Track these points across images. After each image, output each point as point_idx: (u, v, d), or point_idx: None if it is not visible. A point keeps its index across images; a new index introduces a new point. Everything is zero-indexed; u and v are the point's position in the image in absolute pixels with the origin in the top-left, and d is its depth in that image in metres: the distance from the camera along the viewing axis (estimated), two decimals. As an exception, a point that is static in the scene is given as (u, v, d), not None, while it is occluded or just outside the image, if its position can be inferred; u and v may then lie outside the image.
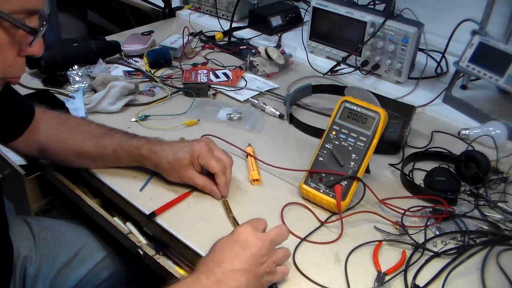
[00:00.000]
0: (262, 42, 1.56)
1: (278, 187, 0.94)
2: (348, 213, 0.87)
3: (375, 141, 0.86)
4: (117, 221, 0.91)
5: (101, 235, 1.02)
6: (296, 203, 0.90)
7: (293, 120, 1.15)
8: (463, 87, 1.32)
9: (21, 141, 0.93)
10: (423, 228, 0.84)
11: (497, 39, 1.14)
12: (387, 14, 1.29)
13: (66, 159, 0.94)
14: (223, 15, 1.71)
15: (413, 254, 0.79)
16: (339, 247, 0.81)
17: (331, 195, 0.86)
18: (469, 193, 0.94)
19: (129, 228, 0.91)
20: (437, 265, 0.78)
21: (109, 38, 1.45)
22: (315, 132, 1.09)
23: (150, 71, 1.33)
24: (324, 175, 0.87)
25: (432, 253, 0.80)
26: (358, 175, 0.86)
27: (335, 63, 1.38)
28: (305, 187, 0.89)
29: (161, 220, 0.84)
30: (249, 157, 1.00)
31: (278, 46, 1.47)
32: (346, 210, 0.88)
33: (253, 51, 1.41)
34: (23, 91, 1.17)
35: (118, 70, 1.34)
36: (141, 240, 0.88)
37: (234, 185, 0.92)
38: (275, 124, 1.16)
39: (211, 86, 1.27)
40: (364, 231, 0.84)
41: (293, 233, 0.83)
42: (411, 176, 1.00)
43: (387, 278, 0.74)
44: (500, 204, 0.91)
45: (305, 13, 1.70)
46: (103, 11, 2.83)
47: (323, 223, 0.86)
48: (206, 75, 1.32)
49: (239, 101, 1.24)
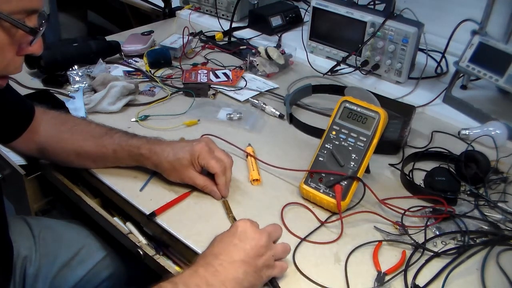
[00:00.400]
0: (262, 42, 1.56)
1: (278, 187, 0.94)
2: (348, 213, 0.87)
3: (375, 141, 0.86)
4: (117, 221, 0.91)
5: (101, 235, 1.02)
6: (296, 203, 0.90)
7: (293, 120, 1.15)
8: (463, 87, 1.32)
9: (21, 141, 0.93)
10: (423, 228, 0.84)
11: (497, 39, 1.14)
12: (387, 14, 1.29)
13: (66, 159, 0.94)
14: (223, 15, 1.71)
15: (413, 254, 0.79)
16: (339, 247, 0.81)
17: (331, 195, 0.86)
18: (469, 193, 0.94)
19: (129, 228, 0.91)
20: (437, 265, 0.78)
21: (109, 38, 1.45)
22: (315, 132, 1.09)
23: (150, 71, 1.33)
24: (324, 175, 0.87)
25: (432, 253, 0.80)
26: (358, 175, 0.86)
27: (335, 63, 1.38)
28: (305, 187, 0.89)
29: (161, 220, 0.84)
30: (249, 157, 1.00)
31: (278, 46, 1.47)
32: (346, 210, 0.88)
33: (253, 51, 1.41)
34: (23, 91, 1.17)
35: (118, 70, 1.34)
36: (141, 240, 0.87)
37: (234, 185, 0.92)
38: (275, 124, 1.16)
39: (211, 86, 1.27)
40: (364, 231, 0.84)
41: (293, 233, 0.83)
42: (411, 176, 1.00)
43: (387, 278, 0.74)
44: (500, 204, 0.91)
45: (305, 13, 1.70)
46: (103, 11, 2.84)
47: (323, 223, 0.86)
48: (206, 75, 1.31)
49: (239, 101, 1.24)
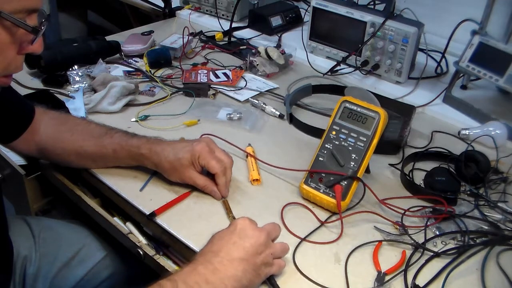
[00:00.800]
0: (262, 42, 1.56)
1: (278, 187, 0.94)
2: (348, 213, 0.87)
3: (375, 141, 0.86)
4: (117, 221, 0.91)
5: (101, 235, 1.02)
6: (296, 203, 0.90)
7: (293, 120, 1.15)
8: (463, 87, 1.32)
9: (21, 141, 0.93)
10: (423, 228, 0.84)
11: (497, 39, 1.14)
12: (387, 14, 1.29)
13: (66, 159, 0.94)
14: (223, 15, 1.71)
15: (413, 254, 0.79)
16: (339, 247, 0.81)
17: (331, 195, 0.86)
18: (469, 193, 0.94)
19: (129, 228, 0.91)
20: (437, 265, 0.78)
21: (109, 38, 1.45)
22: (315, 132, 1.09)
23: (150, 71, 1.33)
24: (324, 175, 0.87)
25: (432, 253, 0.80)
26: (358, 175, 0.86)
27: (335, 63, 1.38)
28: (305, 187, 0.89)
29: (161, 220, 0.84)
30: (249, 157, 1.00)
31: (278, 46, 1.47)
32: (346, 210, 0.88)
33: (253, 51, 1.41)
34: (23, 91, 1.17)
35: (118, 70, 1.34)
36: (141, 240, 0.87)
37: (234, 185, 0.92)
38: (275, 124, 1.16)
39: (211, 86, 1.27)
40: (364, 231, 0.84)
41: (293, 233, 0.83)
42: (411, 176, 1.00)
43: (387, 278, 0.74)
44: (500, 204, 0.91)
45: (305, 13, 1.70)
46: (103, 11, 2.84)
47: (323, 223, 0.86)
48: (206, 75, 1.31)
49: (239, 101, 1.24)
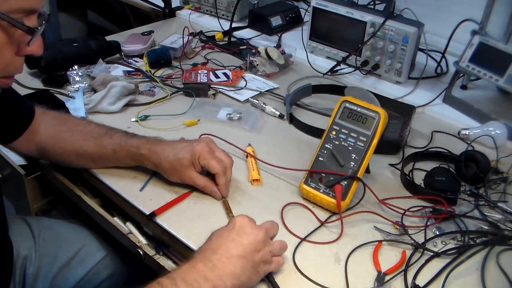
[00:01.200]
0: (262, 42, 1.56)
1: (278, 187, 0.94)
2: (348, 213, 0.87)
3: (375, 141, 0.86)
4: (117, 221, 0.91)
5: (101, 235, 1.02)
6: (296, 203, 0.90)
7: (293, 120, 1.15)
8: (463, 87, 1.32)
9: (21, 142, 0.93)
10: (423, 228, 0.84)
11: (497, 39, 1.14)
12: (387, 14, 1.29)
13: (66, 159, 0.94)
14: (223, 15, 1.71)
15: (413, 254, 0.79)
16: (339, 247, 0.81)
17: (331, 195, 0.86)
18: (469, 193, 0.94)
19: (129, 228, 0.91)
20: (437, 265, 0.78)
21: (109, 38, 1.45)
22: (315, 132, 1.09)
23: (150, 71, 1.33)
24: (324, 175, 0.87)
25: (432, 253, 0.80)
26: (358, 175, 0.86)
27: (335, 63, 1.38)
28: (305, 187, 0.89)
29: (161, 220, 0.84)
30: (249, 157, 1.00)
31: (278, 46, 1.47)
32: (346, 210, 0.88)
33: (253, 51, 1.41)
34: (23, 91, 1.17)
35: (118, 70, 1.34)
36: (141, 240, 0.87)
37: (234, 185, 0.92)
38: (275, 124, 1.16)
39: (211, 86, 1.27)
40: (364, 231, 0.84)
41: (293, 233, 0.83)
42: (411, 176, 1.00)
43: (387, 278, 0.74)
44: (500, 204, 0.91)
45: (305, 13, 1.70)
46: (103, 11, 2.84)
47: (323, 223, 0.86)
48: (206, 75, 1.31)
49: (239, 101, 1.24)
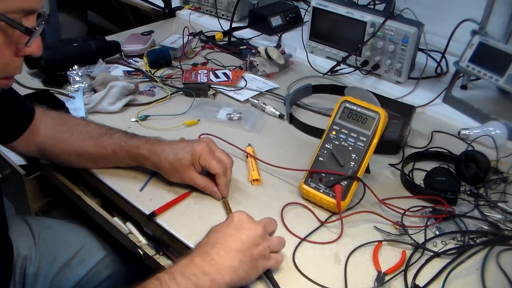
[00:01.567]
0: (262, 42, 1.56)
1: (278, 187, 0.94)
2: (348, 213, 0.87)
3: (375, 141, 0.86)
4: (117, 221, 0.91)
5: (101, 235, 1.02)
6: (296, 203, 0.90)
7: (293, 120, 1.15)
8: (463, 87, 1.32)
9: (21, 142, 0.93)
10: (423, 228, 0.84)
11: (497, 39, 1.14)
12: (387, 14, 1.29)
13: (66, 159, 0.94)
14: (223, 15, 1.71)
15: (413, 254, 0.79)
16: (339, 247, 0.81)
17: (331, 195, 0.86)
18: (469, 193, 0.94)
19: (129, 228, 0.91)
20: (437, 265, 0.78)
21: (109, 38, 1.45)
22: (315, 132, 1.09)
23: (150, 71, 1.33)
24: (324, 175, 0.87)
25: (432, 253, 0.80)
26: (358, 175, 0.86)
27: (335, 63, 1.38)
28: (305, 187, 0.89)
29: (161, 220, 0.84)
30: (249, 157, 1.00)
31: (278, 46, 1.48)
32: (346, 210, 0.88)
33: (253, 51, 1.41)
34: (23, 91, 1.17)
35: (118, 70, 1.34)
36: (141, 240, 0.87)
37: (234, 185, 0.92)
38: (275, 124, 1.16)
39: (211, 86, 1.27)
40: (364, 231, 0.84)
41: (293, 233, 0.83)
42: (411, 176, 1.00)
43: (387, 278, 0.74)
44: (500, 204, 0.91)
45: (305, 13, 1.70)
46: (103, 11, 2.84)
47: (323, 223, 0.86)
48: (206, 75, 1.31)
49: (239, 101, 1.24)
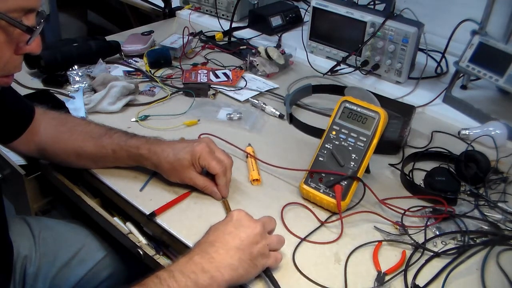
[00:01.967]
0: (262, 42, 1.56)
1: (278, 187, 0.94)
2: (348, 213, 0.87)
3: (375, 141, 0.86)
4: (117, 221, 0.91)
5: (101, 235, 1.02)
6: (296, 203, 0.90)
7: (293, 120, 1.15)
8: (463, 87, 1.32)
9: (21, 142, 0.93)
10: (423, 228, 0.84)
11: (497, 39, 1.14)
12: (387, 14, 1.29)
13: (66, 159, 0.94)
14: (223, 15, 1.71)
15: (413, 254, 0.79)
16: (339, 247, 0.81)
17: (331, 195, 0.86)
18: (469, 193, 0.94)
19: (129, 228, 0.91)
20: (437, 265, 0.78)
21: (109, 38, 1.45)
22: (315, 132, 1.09)
23: (150, 71, 1.33)
24: (324, 175, 0.87)
25: (432, 253, 0.80)
26: (358, 175, 0.86)
27: (335, 63, 1.38)
28: (305, 187, 0.89)
29: (161, 220, 0.84)
30: (249, 157, 1.00)
31: (278, 46, 1.47)
32: (346, 210, 0.88)
33: (253, 51, 1.41)
34: (23, 91, 1.17)
35: (118, 70, 1.34)
36: (141, 240, 0.88)
37: (234, 185, 0.92)
38: (275, 124, 1.16)
39: (211, 86, 1.27)
40: (364, 231, 0.84)
41: (293, 233, 0.83)
42: (411, 176, 1.00)
43: (387, 278, 0.74)
44: (500, 204, 0.91)
45: (305, 13, 1.70)
46: (103, 11, 2.84)
47: (323, 223, 0.86)
48: (206, 75, 1.31)
49: (239, 101, 1.24)
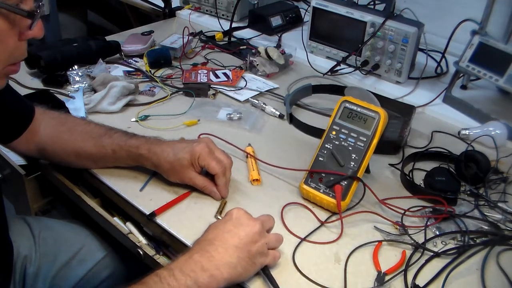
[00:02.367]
0: (262, 42, 1.56)
1: (278, 187, 0.94)
2: (348, 213, 0.87)
3: (375, 141, 0.86)
4: (117, 221, 0.91)
5: (101, 235, 1.02)
6: (296, 203, 0.90)
7: (293, 120, 1.15)
8: (463, 87, 1.32)
9: (21, 142, 0.93)
10: (423, 228, 0.84)
11: (497, 39, 1.14)
12: (387, 14, 1.29)
13: (65, 159, 0.94)
14: (223, 15, 1.71)
15: (413, 254, 0.79)
16: (339, 247, 0.81)
17: (331, 195, 0.86)
18: (469, 193, 0.94)
19: (129, 228, 0.91)
20: (437, 265, 0.78)
21: (109, 38, 1.45)
22: (315, 132, 1.09)
23: (150, 71, 1.33)
24: (324, 175, 0.87)
25: (432, 253, 0.80)
26: (358, 175, 0.86)
27: (335, 63, 1.38)
28: (305, 187, 0.89)
29: (161, 220, 0.84)
30: (249, 157, 1.00)
31: (278, 46, 1.47)
32: (346, 210, 0.88)
33: (253, 51, 1.41)
34: (23, 91, 1.17)
35: (118, 70, 1.34)
36: (141, 240, 0.88)
37: (234, 185, 0.92)
38: (275, 124, 1.16)
39: (211, 86, 1.27)
40: (364, 231, 0.84)
41: (293, 233, 0.83)
42: (411, 176, 1.00)
43: (387, 278, 0.75)
44: (500, 204, 0.91)
45: (305, 13, 1.70)
46: (103, 11, 2.84)
47: (323, 223, 0.86)
48: (206, 75, 1.31)
49: (239, 101, 1.24)
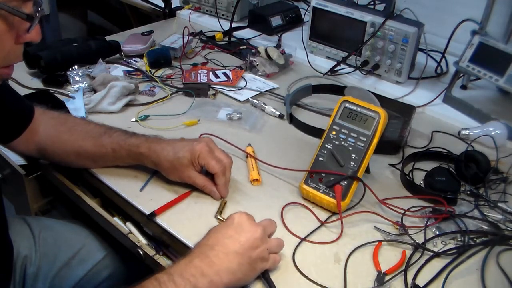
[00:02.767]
0: (262, 42, 1.56)
1: (278, 187, 0.94)
2: (348, 213, 0.87)
3: (375, 141, 0.86)
4: (117, 221, 0.91)
5: (101, 235, 1.02)
6: (296, 203, 0.90)
7: (293, 120, 1.15)
8: (463, 87, 1.32)
9: (21, 142, 0.93)
10: (423, 228, 0.84)
11: (497, 39, 1.14)
12: (387, 14, 1.29)
13: (65, 159, 0.94)
14: (223, 15, 1.71)
15: (413, 254, 0.79)
16: (339, 247, 0.81)
17: (331, 195, 0.86)
18: (469, 193, 0.94)
19: (129, 228, 0.91)
20: (437, 265, 0.78)
21: (109, 38, 1.45)
22: (315, 132, 1.09)
23: (150, 71, 1.33)
24: (324, 175, 0.87)
25: (432, 253, 0.80)
26: (358, 175, 0.86)
27: (335, 63, 1.38)
28: (305, 187, 0.89)
29: (161, 220, 0.84)
30: (249, 157, 1.00)
31: (278, 46, 1.47)
32: (346, 210, 0.88)
33: (253, 51, 1.41)
34: (23, 91, 1.17)
35: (118, 70, 1.34)
36: (141, 240, 0.88)
37: (234, 185, 0.92)
38: (275, 124, 1.16)
39: (211, 86, 1.27)
40: (364, 231, 0.84)
41: (293, 233, 0.83)
42: (411, 176, 1.00)
43: (387, 278, 0.74)
44: (500, 204, 0.91)
45: (305, 13, 1.70)
46: (103, 11, 2.84)
47: (323, 223, 0.86)
48: (206, 75, 1.31)
49: (239, 101, 1.24)
